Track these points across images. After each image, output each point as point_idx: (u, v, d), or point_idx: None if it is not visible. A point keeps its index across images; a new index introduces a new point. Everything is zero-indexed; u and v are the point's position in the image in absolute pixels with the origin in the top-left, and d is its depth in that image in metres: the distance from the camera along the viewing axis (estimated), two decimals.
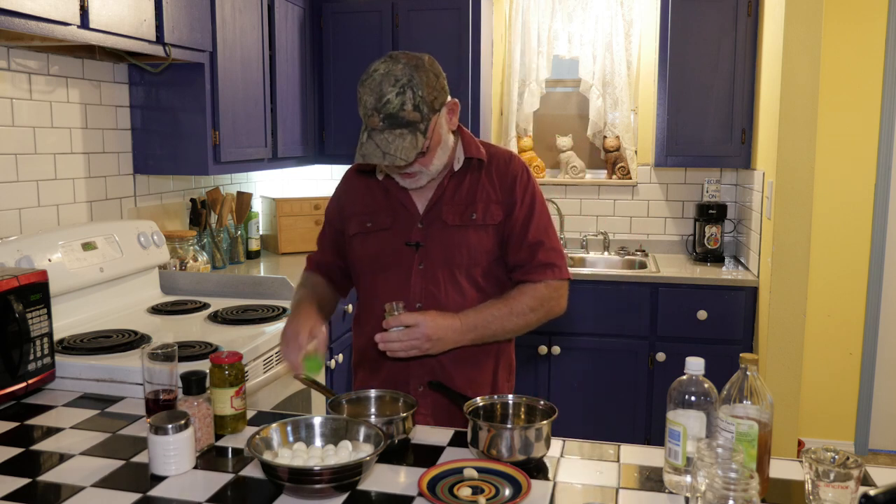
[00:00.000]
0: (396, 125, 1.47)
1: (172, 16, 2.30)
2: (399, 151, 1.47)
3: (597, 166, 3.96)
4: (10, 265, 1.93)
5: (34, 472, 1.28)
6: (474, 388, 1.67)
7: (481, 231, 1.65)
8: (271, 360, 2.09)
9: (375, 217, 1.69)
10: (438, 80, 1.53)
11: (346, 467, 1.16)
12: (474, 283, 1.66)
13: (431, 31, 3.44)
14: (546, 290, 1.65)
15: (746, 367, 1.17)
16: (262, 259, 3.52)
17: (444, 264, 1.64)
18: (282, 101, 3.21)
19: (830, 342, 3.73)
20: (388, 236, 1.67)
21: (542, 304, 1.64)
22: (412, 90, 1.47)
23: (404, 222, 1.67)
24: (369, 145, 1.49)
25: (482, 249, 1.65)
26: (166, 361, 1.42)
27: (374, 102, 1.47)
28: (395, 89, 1.46)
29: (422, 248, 1.65)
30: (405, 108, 1.47)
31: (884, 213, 3.62)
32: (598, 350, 3.34)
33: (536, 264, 1.65)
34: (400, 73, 1.47)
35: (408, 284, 1.65)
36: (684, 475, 1.19)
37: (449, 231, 1.64)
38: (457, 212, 1.65)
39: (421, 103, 1.48)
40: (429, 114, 1.50)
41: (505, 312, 1.61)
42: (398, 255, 1.66)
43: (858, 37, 3.53)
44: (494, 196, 1.66)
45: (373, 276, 1.70)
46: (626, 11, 3.74)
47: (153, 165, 2.73)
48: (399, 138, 1.48)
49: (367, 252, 1.70)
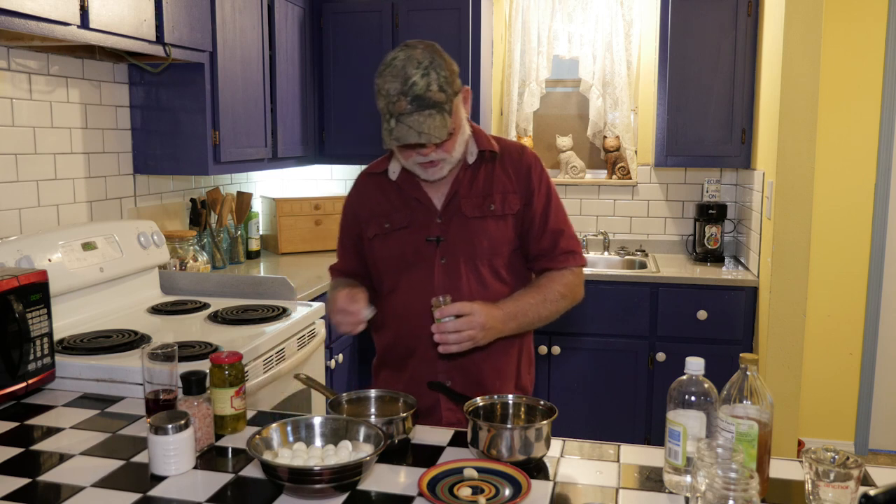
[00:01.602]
0: (424, 106, 1.49)
1: (172, 16, 2.30)
2: (433, 130, 1.49)
3: (597, 166, 3.96)
4: (10, 265, 1.93)
5: (34, 472, 1.28)
6: (501, 380, 1.69)
7: (500, 221, 1.66)
8: (271, 360, 2.09)
9: (392, 217, 1.70)
10: (453, 65, 1.56)
11: (346, 467, 1.16)
12: (496, 274, 1.67)
13: (431, 31, 3.44)
14: (572, 277, 1.70)
15: (746, 367, 1.17)
16: (262, 259, 3.52)
17: (466, 257, 1.65)
18: (282, 101, 3.21)
19: (830, 342, 3.73)
20: (408, 234, 1.68)
21: (570, 291, 1.68)
22: (435, 71, 1.49)
23: (422, 218, 1.68)
24: (401, 128, 1.49)
25: (503, 239, 1.67)
26: (166, 361, 1.42)
27: (399, 87, 1.48)
28: (420, 71, 1.48)
29: (443, 243, 1.66)
30: (431, 88, 1.48)
31: (884, 213, 3.62)
32: (598, 350, 3.34)
33: (559, 252, 1.68)
34: (421, 56, 1.49)
35: (431, 280, 1.65)
36: (684, 475, 1.19)
37: (469, 223, 1.65)
38: (475, 203, 1.66)
39: (445, 84, 1.50)
40: (451, 95, 1.52)
41: (539, 300, 1.64)
42: (419, 252, 1.67)
43: (858, 37, 3.53)
44: (511, 186, 1.68)
45: (396, 276, 1.71)
46: (626, 11, 3.74)
47: (153, 165, 2.73)
48: (429, 118, 1.49)
49: (389, 252, 1.71)
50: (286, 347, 2.18)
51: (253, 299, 2.51)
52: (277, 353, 2.12)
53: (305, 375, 1.60)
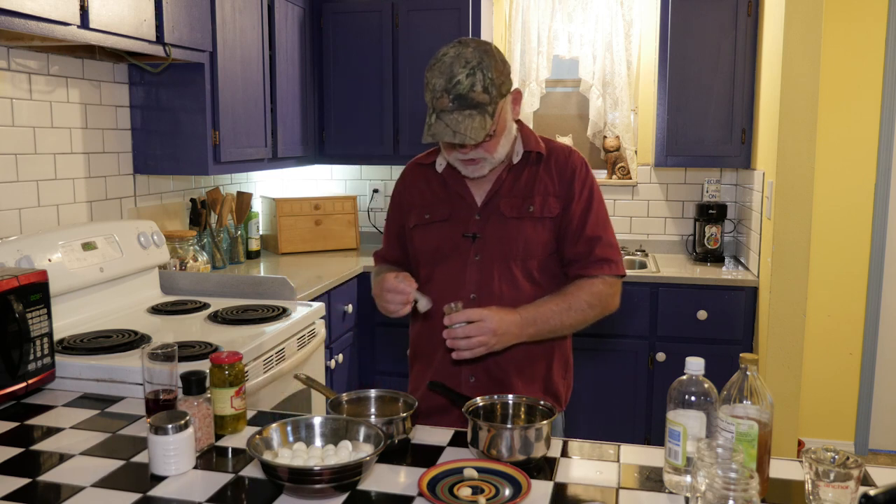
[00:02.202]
0: (466, 106, 1.49)
1: (172, 16, 2.30)
2: (469, 131, 1.49)
3: (597, 166, 3.96)
4: (10, 265, 1.93)
5: (34, 472, 1.28)
6: (525, 382, 1.68)
7: (538, 224, 1.66)
8: (271, 360, 2.09)
9: (434, 208, 1.71)
10: (505, 67, 1.55)
11: (346, 467, 1.16)
12: (529, 276, 1.66)
13: (431, 31, 3.44)
14: (603, 286, 1.66)
15: (746, 367, 1.17)
16: (262, 259, 3.52)
17: (499, 256, 1.65)
18: (282, 101, 3.21)
19: (830, 342, 3.73)
20: (447, 227, 1.69)
21: (599, 300, 1.66)
22: (482, 72, 1.49)
23: (462, 214, 1.68)
24: (439, 125, 1.50)
25: (538, 242, 1.66)
26: (166, 361, 1.42)
27: (444, 84, 1.48)
28: (466, 70, 1.48)
29: (478, 240, 1.66)
30: (475, 89, 1.48)
31: (884, 213, 3.62)
32: (598, 350, 3.34)
33: (594, 259, 1.66)
34: (470, 55, 1.49)
35: (463, 275, 1.66)
36: (684, 475, 1.19)
37: (506, 223, 1.65)
38: (514, 204, 1.66)
39: (490, 86, 1.50)
40: (497, 97, 1.52)
41: (563, 307, 1.62)
42: (456, 247, 1.67)
43: (858, 37, 3.53)
44: (552, 189, 1.67)
45: (431, 268, 1.71)
46: (626, 11, 3.74)
47: (153, 165, 2.73)
48: (468, 118, 1.49)
49: (427, 244, 1.72)
50: (286, 347, 2.18)
51: (253, 299, 2.51)
52: (277, 353, 2.12)
53: (305, 375, 1.60)
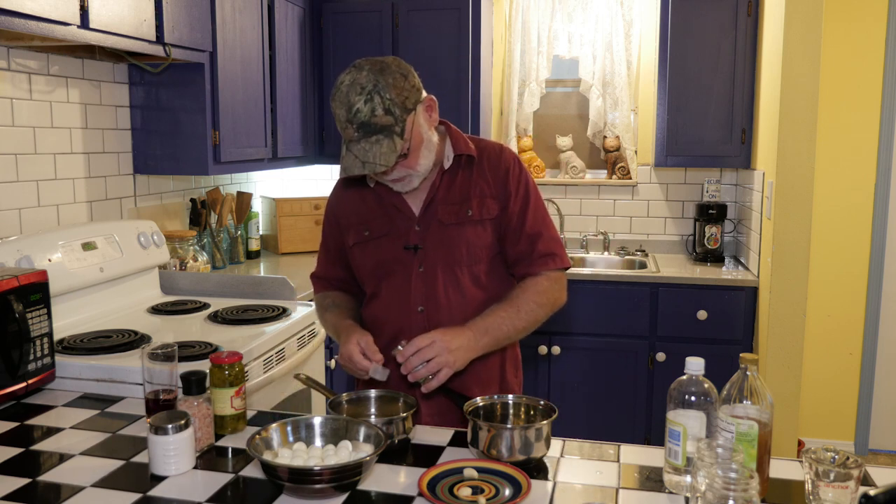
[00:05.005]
0: (371, 132, 1.46)
1: (172, 16, 2.30)
2: (378, 158, 1.45)
3: (597, 166, 3.96)
4: (10, 265, 1.93)
5: (34, 472, 1.28)
6: (482, 385, 1.67)
7: (478, 227, 1.64)
8: (271, 360, 2.09)
9: (372, 224, 1.67)
10: (407, 80, 1.50)
11: (346, 467, 1.16)
12: (476, 281, 1.65)
13: (431, 31, 3.44)
14: (548, 283, 1.65)
15: (746, 367, 1.17)
16: (262, 259, 3.52)
17: (443, 264, 1.63)
18: (282, 101, 3.21)
19: (830, 342, 3.73)
20: (387, 242, 1.66)
21: (547, 298, 1.64)
22: (379, 95, 1.45)
23: (401, 226, 1.65)
24: (348, 158, 1.47)
25: (481, 245, 1.64)
26: (166, 361, 1.42)
27: (345, 114, 1.46)
28: (363, 97, 1.44)
29: (420, 251, 1.64)
30: (376, 113, 1.45)
31: (884, 213, 3.62)
32: (598, 350, 3.34)
33: (537, 255, 1.65)
34: (364, 80, 1.45)
35: (408, 288, 1.64)
36: (684, 475, 1.19)
37: (446, 230, 1.63)
38: (452, 210, 1.63)
39: (391, 106, 1.45)
40: (402, 115, 1.47)
41: (512, 312, 1.60)
42: (398, 260, 1.65)
43: (858, 37, 3.53)
44: (488, 190, 1.64)
45: (376, 283, 1.69)
46: (626, 11, 3.74)
47: (153, 165, 2.73)
48: (376, 145, 1.46)
49: (369, 260, 1.69)
50: (286, 347, 2.18)
51: (253, 299, 2.51)
52: (277, 353, 2.12)
53: (305, 375, 1.60)
